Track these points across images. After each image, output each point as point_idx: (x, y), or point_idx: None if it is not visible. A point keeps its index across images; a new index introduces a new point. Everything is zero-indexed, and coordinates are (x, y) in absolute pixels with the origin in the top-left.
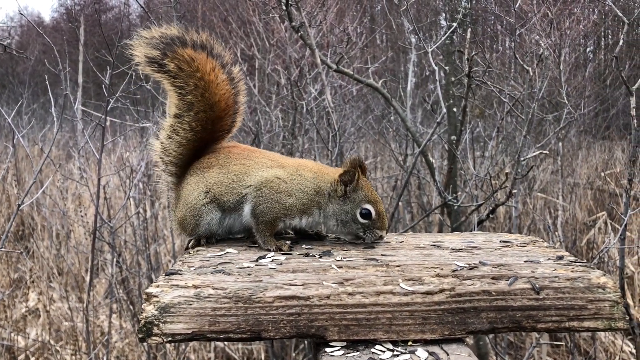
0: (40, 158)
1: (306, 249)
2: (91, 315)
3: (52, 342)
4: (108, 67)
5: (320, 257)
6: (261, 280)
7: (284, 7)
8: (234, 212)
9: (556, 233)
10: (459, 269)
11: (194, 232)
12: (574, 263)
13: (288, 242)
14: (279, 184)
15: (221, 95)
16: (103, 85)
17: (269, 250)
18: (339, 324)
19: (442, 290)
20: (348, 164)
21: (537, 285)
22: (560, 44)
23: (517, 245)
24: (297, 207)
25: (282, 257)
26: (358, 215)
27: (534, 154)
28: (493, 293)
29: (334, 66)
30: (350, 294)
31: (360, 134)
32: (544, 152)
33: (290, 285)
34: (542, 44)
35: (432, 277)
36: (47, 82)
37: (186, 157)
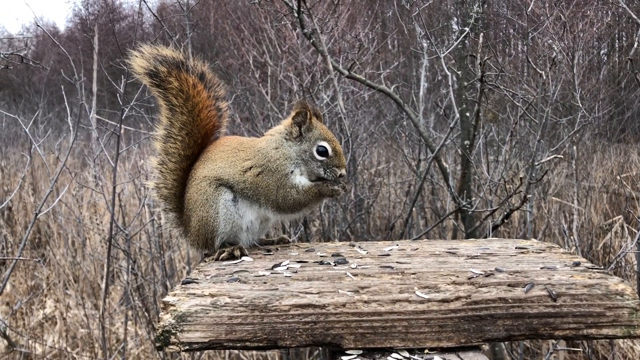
0: (56, 166)
1: (320, 256)
2: (107, 322)
3: (68, 349)
4: (122, 76)
5: (335, 265)
6: (277, 289)
7: (295, 14)
8: (242, 196)
9: (572, 237)
10: (474, 276)
11: (216, 230)
12: (591, 269)
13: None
14: (256, 174)
15: (208, 121)
16: (117, 94)
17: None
18: (355, 332)
19: (458, 298)
20: (298, 107)
21: (554, 292)
22: (574, 46)
23: (533, 252)
24: (279, 176)
25: (298, 265)
26: (315, 153)
27: (548, 158)
28: (509, 300)
29: (346, 72)
30: (366, 302)
31: (372, 140)
32: (559, 156)
33: (306, 293)
34: (555, 47)
35: (448, 284)
36: (62, 92)
37: (179, 187)
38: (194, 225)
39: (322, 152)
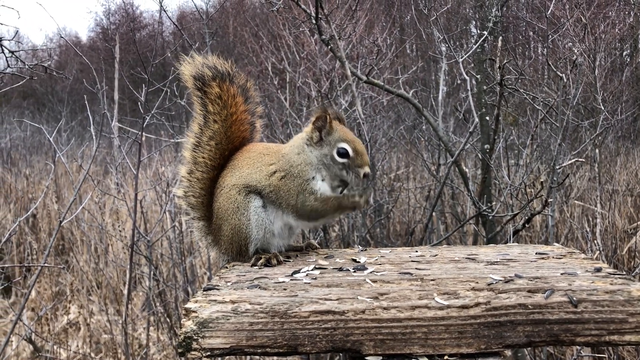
0: (79, 174)
1: (340, 263)
2: (129, 328)
3: (92, 354)
4: (143, 84)
5: (355, 271)
6: (296, 295)
7: (313, 21)
8: (269, 201)
9: (595, 242)
10: (494, 282)
11: (249, 236)
12: (612, 275)
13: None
14: (279, 178)
15: (239, 134)
16: (139, 102)
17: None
18: (375, 339)
19: (477, 304)
20: (318, 112)
21: (574, 299)
22: (595, 48)
23: (553, 258)
24: (300, 182)
25: (317, 272)
26: (336, 155)
27: (570, 161)
28: (529, 306)
29: (364, 77)
30: (385, 308)
31: (391, 145)
32: (581, 159)
33: (326, 299)
34: (576, 50)
35: (468, 290)
36: (85, 100)
37: (207, 196)
38: (227, 233)
39: (343, 153)
